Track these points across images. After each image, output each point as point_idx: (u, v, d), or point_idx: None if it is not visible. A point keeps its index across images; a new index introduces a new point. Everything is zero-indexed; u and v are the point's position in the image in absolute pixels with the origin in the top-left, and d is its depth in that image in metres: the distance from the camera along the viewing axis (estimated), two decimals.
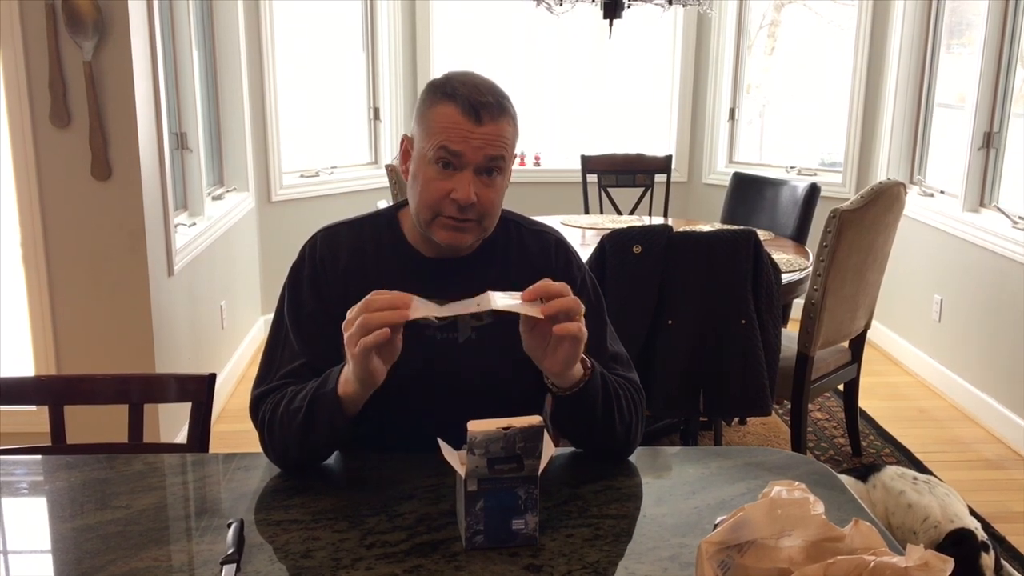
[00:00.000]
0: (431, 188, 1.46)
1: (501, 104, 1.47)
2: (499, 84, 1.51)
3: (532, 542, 1.25)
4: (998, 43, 4.07)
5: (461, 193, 1.44)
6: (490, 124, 1.44)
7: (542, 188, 5.52)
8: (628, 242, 2.73)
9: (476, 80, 1.48)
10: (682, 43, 5.57)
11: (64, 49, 2.88)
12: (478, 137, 1.44)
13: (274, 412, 1.47)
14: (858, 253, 3.14)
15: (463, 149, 1.44)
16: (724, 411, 3.22)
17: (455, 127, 1.44)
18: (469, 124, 1.43)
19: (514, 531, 1.24)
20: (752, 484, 1.46)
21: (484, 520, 1.23)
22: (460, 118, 1.43)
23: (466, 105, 1.43)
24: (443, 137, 1.44)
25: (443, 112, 1.45)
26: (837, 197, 4.70)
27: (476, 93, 1.45)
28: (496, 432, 1.19)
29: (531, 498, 1.24)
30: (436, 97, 1.47)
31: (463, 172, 1.45)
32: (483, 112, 1.44)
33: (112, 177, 2.99)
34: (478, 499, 1.23)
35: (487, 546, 1.24)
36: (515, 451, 1.21)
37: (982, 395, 4.00)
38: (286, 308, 1.57)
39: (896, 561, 0.97)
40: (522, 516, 1.24)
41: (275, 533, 1.30)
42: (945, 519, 2.63)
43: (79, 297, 3.08)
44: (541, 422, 1.20)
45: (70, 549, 1.27)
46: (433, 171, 1.46)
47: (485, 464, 1.21)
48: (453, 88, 1.46)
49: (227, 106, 4.50)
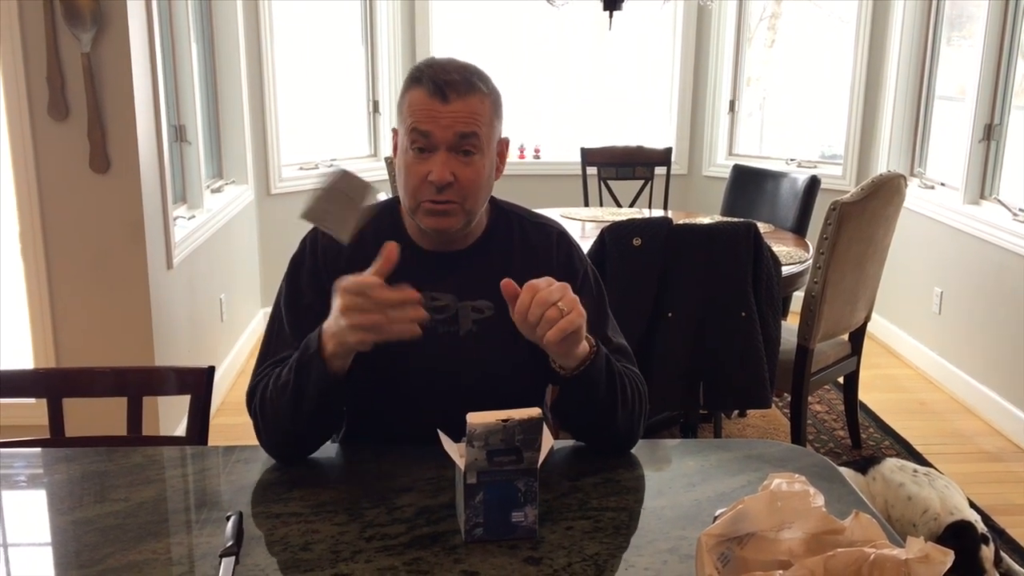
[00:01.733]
0: (409, 174, 1.47)
1: (469, 81, 1.46)
2: (479, 66, 1.50)
3: (532, 535, 1.25)
4: (999, 35, 4.06)
5: (436, 174, 1.44)
6: (457, 101, 1.44)
7: (542, 181, 5.51)
8: (628, 235, 2.73)
9: (444, 62, 1.48)
10: (682, 35, 5.56)
11: (62, 41, 2.87)
12: (447, 115, 1.43)
13: (263, 395, 1.47)
14: (858, 245, 3.14)
15: (431, 128, 1.44)
16: (724, 404, 3.22)
17: (422, 108, 1.44)
18: (436, 103, 1.43)
19: (514, 523, 1.24)
20: (752, 476, 1.46)
21: (484, 513, 1.23)
22: (427, 99, 1.44)
23: (431, 85, 1.44)
24: (412, 120, 1.45)
25: (412, 97, 1.46)
26: (837, 189, 4.69)
27: (442, 72, 1.45)
28: (495, 424, 1.19)
29: (531, 491, 1.24)
30: (407, 84, 1.49)
31: (437, 153, 1.45)
32: (448, 90, 1.43)
33: (111, 170, 2.98)
34: (477, 491, 1.22)
35: (487, 539, 1.24)
36: (514, 443, 1.20)
37: (982, 388, 4.00)
38: (283, 298, 1.57)
39: (896, 553, 0.96)
40: (521, 509, 1.24)
41: (274, 526, 1.30)
42: (945, 511, 2.63)
43: (78, 290, 3.07)
44: (540, 414, 1.20)
45: (69, 542, 1.27)
46: (410, 157, 1.46)
47: (484, 456, 1.21)
48: (420, 72, 1.47)
49: (226, 98, 4.49)
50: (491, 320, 1.53)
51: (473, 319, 1.54)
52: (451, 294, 1.54)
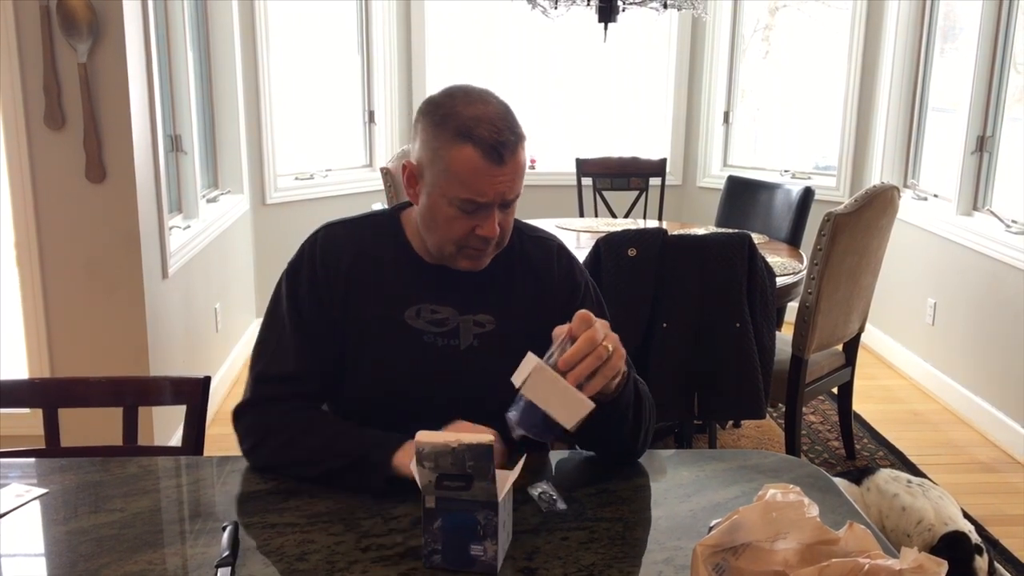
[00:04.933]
0: (455, 226, 1.45)
1: (517, 134, 1.43)
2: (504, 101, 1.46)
3: (491, 571, 1.20)
4: (991, 47, 4.08)
5: (487, 230, 1.44)
6: (511, 161, 1.41)
7: (537, 191, 5.50)
8: (623, 245, 2.74)
9: (490, 113, 1.41)
10: (677, 47, 5.58)
11: (58, 51, 2.88)
12: (501, 177, 1.41)
13: (281, 431, 1.46)
14: (852, 256, 3.15)
15: (490, 199, 1.42)
16: (718, 414, 3.22)
17: (478, 175, 1.40)
18: (492, 168, 1.40)
19: (472, 556, 1.19)
20: (747, 487, 1.46)
21: (442, 540, 1.19)
22: (482, 163, 1.39)
23: (487, 148, 1.39)
24: (468, 190, 1.41)
25: (462, 158, 1.39)
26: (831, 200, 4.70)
27: (495, 132, 1.39)
28: (444, 446, 1.15)
29: (490, 525, 1.18)
30: (450, 136, 1.40)
31: (489, 211, 1.43)
32: (505, 152, 1.40)
33: (106, 179, 2.98)
34: (436, 517, 1.19)
35: (444, 567, 1.20)
36: (465, 470, 1.15)
37: (976, 398, 4.01)
38: (285, 306, 1.55)
39: (891, 564, 0.97)
40: (481, 543, 1.19)
41: (270, 536, 1.29)
42: (939, 522, 2.63)
43: (73, 299, 3.07)
44: (491, 441, 1.15)
45: (64, 552, 1.26)
46: (455, 211, 1.43)
47: (434, 479, 1.17)
48: (468, 128, 1.39)
49: (222, 108, 4.50)
50: (492, 334, 1.53)
51: (474, 333, 1.54)
52: (452, 308, 1.54)
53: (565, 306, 1.58)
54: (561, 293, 1.60)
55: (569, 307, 1.58)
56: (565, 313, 1.56)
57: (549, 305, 1.56)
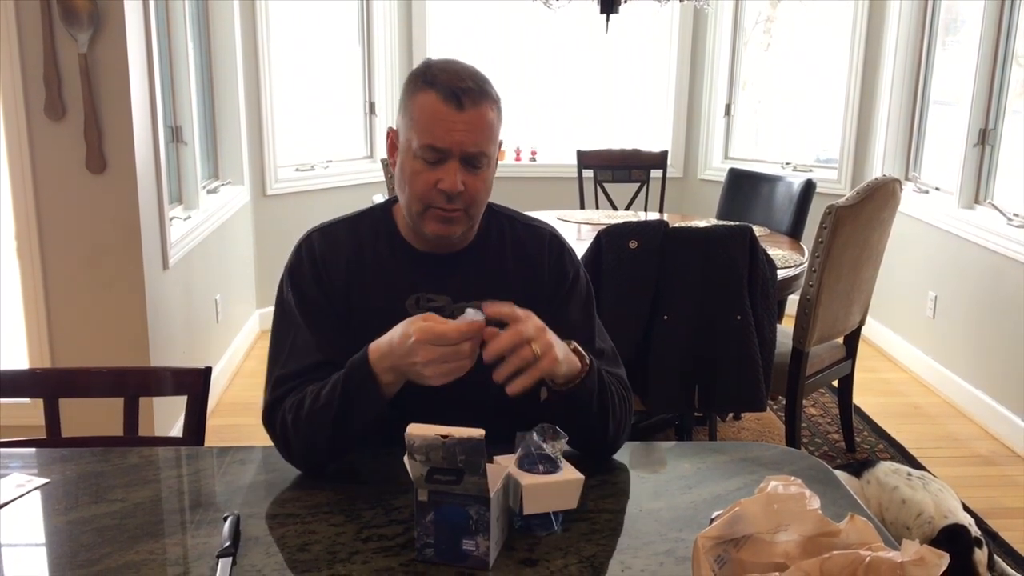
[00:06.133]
0: (419, 180, 1.46)
1: (482, 89, 1.46)
2: (483, 71, 1.49)
3: (483, 566, 1.19)
4: (993, 39, 4.07)
5: (448, 183, 1.44)
6: (472, 110, 1.43)
7: (538, 183, 5.52)
8: (624, 237, 2.73)
9: (456, 66, 1.47)
10: (678, 39, 5.57)
11: (59, 41, 2.87)
12: (461, 124, 1.43)
13: (298, 412, 1.44)
14: (853, 249, 3.15)
15: (448, 145, 1.43)
16: (719, 406, 3.22)
17: (437, 117, 1.43)
18: (451, 111, 1.43)
19: (464, 551, 1.19)
20: (748, 479, 1.46)
21: (434, 534, 1.19)
22: (441, 106, 1.43)
23: (447, 92, 1.43)
24: (428, 134, 1.44)
25: (424, 101, 1.44)
26: (832, 193, 4.71)
27: (456, 79, 1.44)
28: (435, 439, 1.14)
29: (482, 520, 1.17)
30: (416, 86, 1.47)
31: (449, 162, 1.45)
32: (464, 98, 1.43)
33: (107, 170, 2.98)
34: (428, 510, 1.19)
35: (437, 561, 1.20)
36: (456, 464, 1.15)
37: (976, 391, 4.01)
38: (295, 305, 1.54)
39: (892, 556, 0.97)
40: (473, 537, 1.18)
41: (271, 527, 1.30)
42: (939, 515, 2.64)
43: (74, 290, 3.07)
44: (482, 436, 1.14)
45: (65, 542, 1.27)
46: (419, 163, 1.46)
47: (426, 473, 1.17)
48: (433, 75, 1.45)
49: (222, 99, 4.49)
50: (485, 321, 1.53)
51: None
52: (446, 295, 1.55)
53: (553, 295, 1.59)
54: (550, 281, 1.60)
55: (557, 296, 1.59)
56: (553, 302, 1.57)
57: (538, 293, 1.56)
